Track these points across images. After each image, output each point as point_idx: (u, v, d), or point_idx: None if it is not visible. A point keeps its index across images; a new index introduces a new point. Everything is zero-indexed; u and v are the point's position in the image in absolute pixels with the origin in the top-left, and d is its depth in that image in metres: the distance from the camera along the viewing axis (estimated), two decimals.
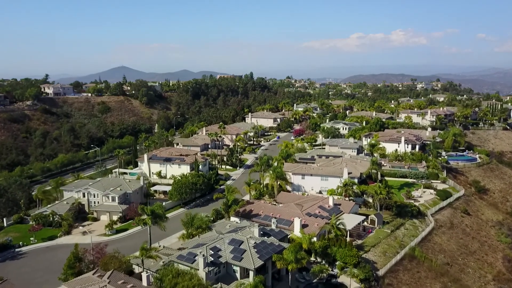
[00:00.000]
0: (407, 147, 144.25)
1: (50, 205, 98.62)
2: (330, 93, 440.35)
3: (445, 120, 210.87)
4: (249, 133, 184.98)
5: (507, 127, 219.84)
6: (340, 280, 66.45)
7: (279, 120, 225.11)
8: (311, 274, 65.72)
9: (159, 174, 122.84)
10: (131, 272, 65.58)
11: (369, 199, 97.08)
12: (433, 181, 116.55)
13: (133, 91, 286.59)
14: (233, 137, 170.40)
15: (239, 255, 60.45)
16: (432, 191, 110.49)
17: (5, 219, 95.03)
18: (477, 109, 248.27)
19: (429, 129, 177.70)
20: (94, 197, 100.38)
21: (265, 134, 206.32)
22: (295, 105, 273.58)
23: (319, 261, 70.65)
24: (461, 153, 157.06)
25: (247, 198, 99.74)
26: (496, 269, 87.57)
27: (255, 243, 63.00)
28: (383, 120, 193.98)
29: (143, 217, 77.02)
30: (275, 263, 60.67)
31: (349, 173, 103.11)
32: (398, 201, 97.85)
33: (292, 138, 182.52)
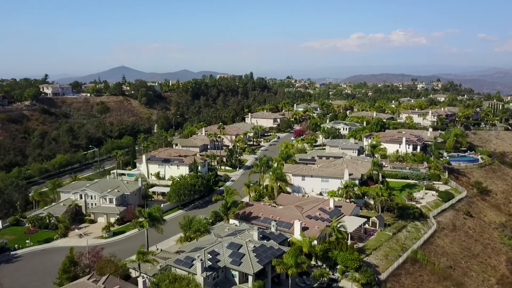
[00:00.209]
0: (408, 148, 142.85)
1: (46, 207, 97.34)
2: (330, 93, 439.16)
3: (446, 120, 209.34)
4: (248, 134, 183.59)
5: (509, 127, 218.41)
6: (341, 284, 65.12)
7: (279, 120, 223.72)
8: (312, 278, 64.36)
9: (158, 175, 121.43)
10: (128, 276, 64.19)
11: (370, 201, 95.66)
12: (435, 182, 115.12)
13: (132, 91, 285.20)
14: (233, 137, 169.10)
15: (238, 259, 59.07)
16: (434, 193, 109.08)
17: (0, 221, 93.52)
18: (478, 109, 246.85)
19: (430, 130, 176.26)
20: (91, 198, 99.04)
21: (265, 134, 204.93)
22: (295, 105, 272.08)
23: (320, 265, 69.32)
24: (463, 154, 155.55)
25: (247, 199, 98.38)
26: (499, 272, 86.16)
27: (255, 246, 61.63)
28: (384, 120, 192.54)
29: (140, 219, 75.61)
30: (274, 268, 59.31)
31: (350, 175, 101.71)
32: (399, 203, 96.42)
33: (292, 138, 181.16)
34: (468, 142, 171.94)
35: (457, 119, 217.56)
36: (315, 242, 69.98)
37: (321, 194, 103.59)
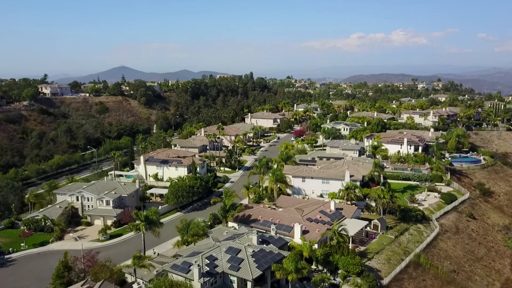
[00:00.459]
0: (410, 149, 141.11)
1: (42, 209, 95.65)
2: (330, 93, 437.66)
3: (447, 120, 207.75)
4: (248, 134, 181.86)
5: (511, 127, 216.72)
6: None
7: (279, 120, 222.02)
8: (312, 283, 62.57)
9: (156, 176, 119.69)
10: (124, 282, 62.55)
11: (372, 203, 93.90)
12: (437, 184, 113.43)
13: (132, 91, 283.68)
14: (232, 138, 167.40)
15: (237, 264, 57.36)
16: (436, 194, 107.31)
17: None
18: (480, 109, 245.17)
19: (432, 130, 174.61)
20: (88, 200, 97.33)
21: (265, 135, 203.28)
22: (295, 105, 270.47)
23: (321, 269, 67.61)
24: (465, 155, 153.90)
25: (246, 202, 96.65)
26: (504, 276, 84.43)
27: (254, 251, 59.93)
28: (385, 120, 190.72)
29: (137, 222, 73.84)
30: (274, 273, 57.64)
31: (351, 176, 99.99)
32: (401, 205, 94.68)
33: (292, 139, 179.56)
34: (470, 142, 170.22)
35: (458, 120, 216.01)
36: (316, 246, 68.26)
37: (321, 196, 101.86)
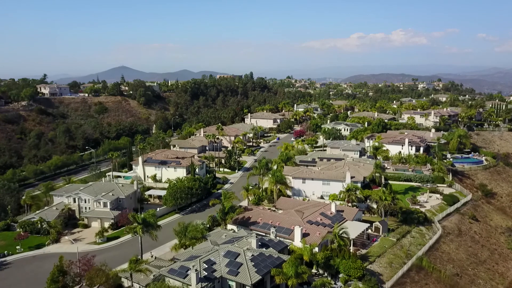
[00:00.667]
0: (411, 149, 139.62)
1: (39, 211, 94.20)
2: (330, 93, 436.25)
3: (449, 121, 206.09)
4: (248, 135, 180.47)
5: None
6: None
7: (279, 121, 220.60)
8: None
9: (154, 177, 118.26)
10: (120, 286, 61.29)
11: (373, 205, 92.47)
12: (439, 185, 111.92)
13: (131, 91, 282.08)
14: (232, 138, 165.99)
15: (235, 269, 56.02)
16: (438, 196, 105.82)
17: None
18: (481, 109, 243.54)
19: (433, 130, 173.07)
20: (85, 202, 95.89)
21: (265, 135, 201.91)
22: (295, 105, 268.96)
23: (321, 273, 66.21)
24: (467, 155, 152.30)
25: (245, 203, 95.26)
26: (508, 280, 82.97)
27: (253, 255, 58.61)
28: (386, 121, 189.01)
29: (134, 225, 72.42)
30: (274, 278, 56.27)
31: (351, 177, 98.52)
32: (403, 207, 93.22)
33: (292, 139, 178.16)
34: (471, 143, 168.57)
35: (460, 120, 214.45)
36: (316, 249, 66.94)
37: (322, 197, 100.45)
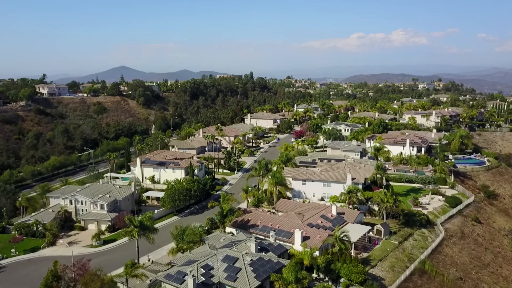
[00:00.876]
0: (413, 150, 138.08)
1: (34, 213, 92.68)
2: (331, 93, 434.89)
3: (450, 121, 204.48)
4: (248, 135, 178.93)
5: None
6: None
7: (279, 121, 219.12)
8: None
9: (152, 179, 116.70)
10: None
11: (375, 207, 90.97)
12: (441, 187, 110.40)
13: (130, 91, 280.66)
14: (231, 139, 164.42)
15: (234, 274, 54.49)
16: (440, 198, 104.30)
17: None
18: (482, 109, 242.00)
19: (434, 131, 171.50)
20: (81, 204, 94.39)
21: (265, 135, 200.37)
22: (295, 105, 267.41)
23: (322, 278, 64.69)
24: (469, 156, 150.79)
25: (244, 205, 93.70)
26: None
27: (252, 260, 57.06)
28: (386, 121, 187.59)
29: (130, 228, 70.91)
30: (273, 284, 54.70)
31: (352, 179, 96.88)
32: (405, 209, 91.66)
33: (292, 139, 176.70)
34: (473, 143, 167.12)
35: (461, 120, 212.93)
36: (317, 253, 65.36)
37: (322, 199, 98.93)
